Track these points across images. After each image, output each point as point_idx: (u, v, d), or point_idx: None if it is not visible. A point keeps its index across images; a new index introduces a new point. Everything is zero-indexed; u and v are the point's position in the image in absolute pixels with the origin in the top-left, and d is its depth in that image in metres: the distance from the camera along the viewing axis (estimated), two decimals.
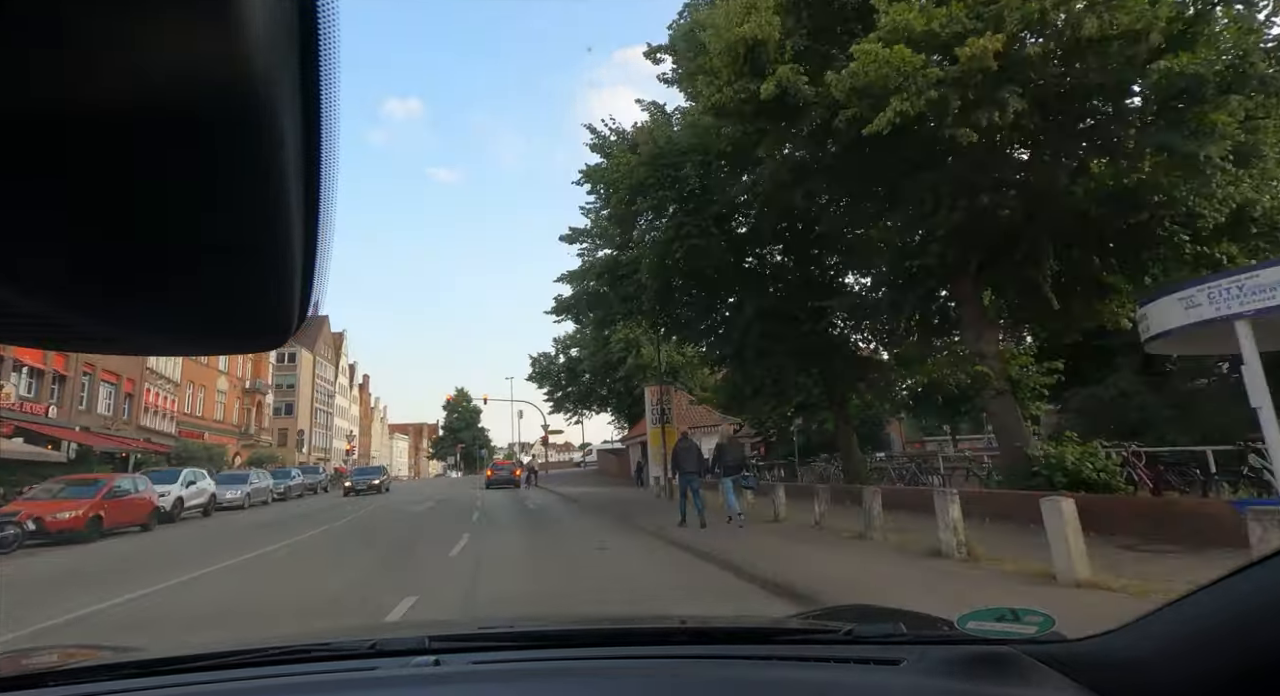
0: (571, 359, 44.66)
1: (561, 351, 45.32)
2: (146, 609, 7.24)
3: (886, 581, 6.68)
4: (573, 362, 44.44)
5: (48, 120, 0.33)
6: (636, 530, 13.27)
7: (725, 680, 1.24)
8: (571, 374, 44.13)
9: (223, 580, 9.01)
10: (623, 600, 6.69)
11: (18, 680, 1.35)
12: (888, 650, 1.26)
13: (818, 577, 6.79)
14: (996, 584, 6.23)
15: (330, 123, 0.41)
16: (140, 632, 5.94)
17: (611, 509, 18.16)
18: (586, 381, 44.09)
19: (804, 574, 7.01)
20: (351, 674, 1.31)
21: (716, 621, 2.04)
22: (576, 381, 44.28)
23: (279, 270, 0.48)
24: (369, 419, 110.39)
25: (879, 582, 6.62)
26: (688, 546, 10.13)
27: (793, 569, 7.33)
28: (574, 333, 44.47)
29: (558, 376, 44.93)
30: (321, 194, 0.45)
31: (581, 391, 43.62)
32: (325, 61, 0.38)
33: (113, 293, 0.47)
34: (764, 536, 10.60)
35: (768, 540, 10.07)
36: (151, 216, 0.40)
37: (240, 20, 0.30)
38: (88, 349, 0.62)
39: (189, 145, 0.36)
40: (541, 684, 1.25)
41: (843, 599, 5.33)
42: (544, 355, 45.35)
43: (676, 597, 6.84)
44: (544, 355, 45.35)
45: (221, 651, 1.42)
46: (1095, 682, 1.03)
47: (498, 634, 1.60)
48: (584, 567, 8.99)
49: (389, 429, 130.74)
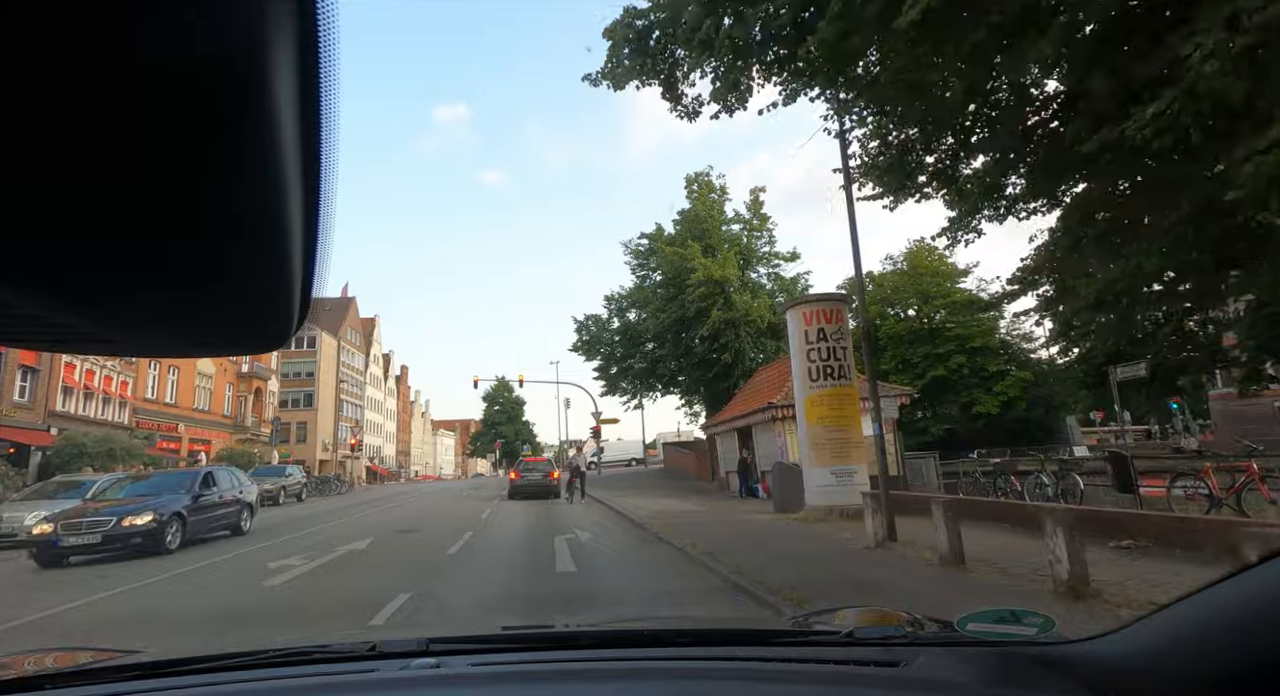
0: (629, 324, 33.87)
1: (615, 313, 34.57)
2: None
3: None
4: (631, 328, 33.63)
5: (46, 119, 0.32)
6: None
7: (726, 682, 1.24)
8: (630, 340, 33.29)
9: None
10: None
11: (18, 682, 1.36)
12: (888, 651, 1.26)
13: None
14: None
15: (330, 122, 0.41)
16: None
17: (787, 567, 7.19)
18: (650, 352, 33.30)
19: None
20: (351, 676, 1.31)
21: (717, 623, 2.32)
22: (636, 351, 33.48)
23: (278, 271, 0.47)
24: (408, 413, 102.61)
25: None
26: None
27: None
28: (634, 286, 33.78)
29: (611, 346, 34.19)
30: (321, 194, 0.45)
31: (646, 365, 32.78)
32: (325, 61, 0.38)
33: (112, 293, 0.47)
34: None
35: None
36: (151, 216, 0.40)
37: (240, 19, 0.30)
38: (87, 350, 0.63)
39: (188, 145, 0.36)
40: (541, 686, 1.26)
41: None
42: (593, 319, 34.61)
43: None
44: (593, 319, 34.61)
45: (221, 653, 1.42)
46: (1095, 683, 1.03)
47: (497, 636, 1.65)
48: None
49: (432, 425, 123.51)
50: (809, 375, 12.77)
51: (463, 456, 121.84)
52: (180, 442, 37.69)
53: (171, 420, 36.77)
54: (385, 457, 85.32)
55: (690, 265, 26.26)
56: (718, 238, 29.12)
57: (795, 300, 14.84)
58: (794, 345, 13.13)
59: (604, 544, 10.71)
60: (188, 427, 38.32)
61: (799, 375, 12.95)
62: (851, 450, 11.08)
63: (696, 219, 29.22)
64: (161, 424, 35.88)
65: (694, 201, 29.62)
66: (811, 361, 12.85)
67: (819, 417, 12.43)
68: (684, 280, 27.46)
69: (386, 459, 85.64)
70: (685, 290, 27.28)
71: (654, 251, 33.04)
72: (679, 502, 18.22)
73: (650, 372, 33.51)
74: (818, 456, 12.24)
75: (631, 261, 34.66)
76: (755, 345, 27.06)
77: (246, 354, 0.70)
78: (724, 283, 26.37)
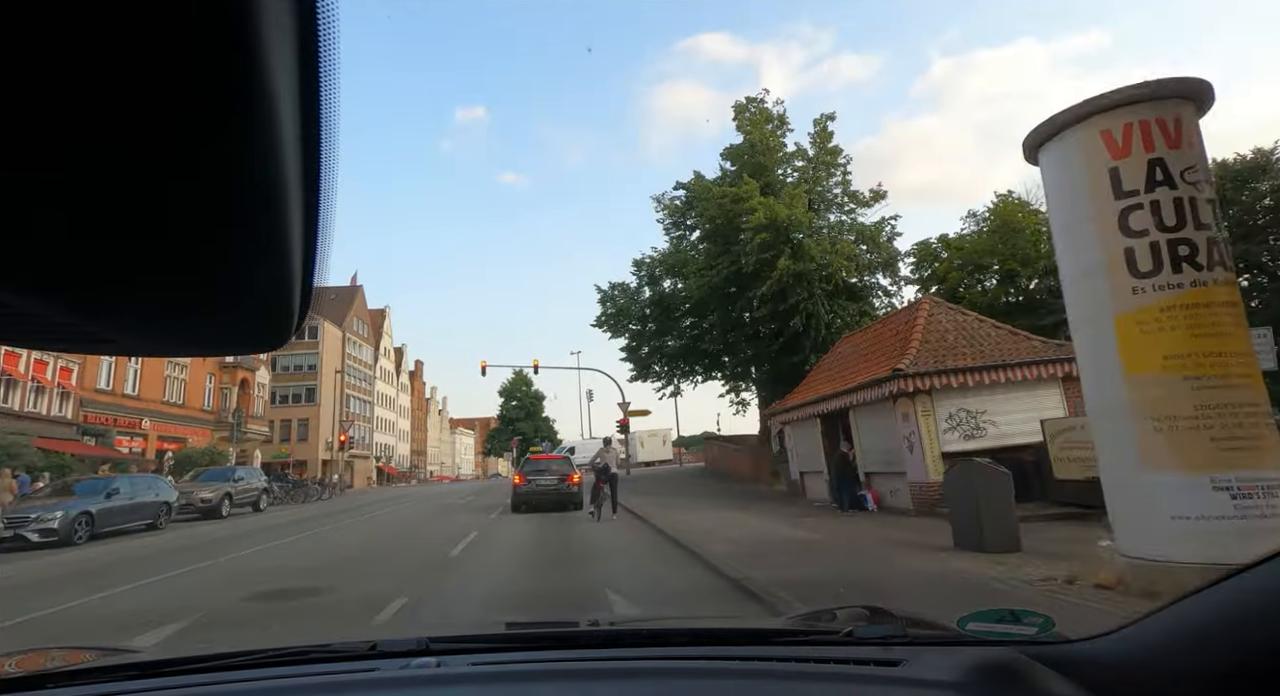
0: (663, 294, 27.93)
1: (646, 281, 28.64)
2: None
3: None
4: (665, 298, 27.69)
5: (47, 119, 0.32)
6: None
7: (725, 681, 1.23)
8: (664, 312, 27.35)
9: None
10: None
11: (18, 681, 1.34)
12: (888, 651, 1.24)
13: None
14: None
15: (330, 122, 0.41)
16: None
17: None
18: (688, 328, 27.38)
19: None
20: (351, 675, 1.29)
21: (716, 622, 2.20)
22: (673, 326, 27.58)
23: (279, 270, 0.47)
24: (423, 411, 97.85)
25: None
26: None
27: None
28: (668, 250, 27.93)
29: (642, 320, 28.28)
30: (321, 194, 0.45)
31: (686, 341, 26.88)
32: (325, 61, 0.38)
33: (112, 293, 0.47)
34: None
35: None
36: (151, 217, 0.40)
37: (239, 18, 0.30)
38: (87, 350, 0.62)
39: (188, 145, 0.36)
40: (541, 685, 1.25)
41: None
42: (619, 287, 28.69)
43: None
44: (619, 287, 28.69)
45: (220, 653, 1.40)
46: (1095, 683, 1.03)
47: (497, 635, 1.65)
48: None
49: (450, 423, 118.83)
50: (1130, 263, 5.27)
51: (481, 456, 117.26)
52: (146, 441, 32.66)
53: (132, 415, 31.69)
54: (399, 457, 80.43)
55: (748, 205, 20.19)
56: (775, 177, 23.02)
57: (1086, 106, 5.60)
58: (1074, 206, 5.65)
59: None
60: (155, 424, 33.23)
61: (1094, 268, 5.48)
62: (1261, 432, 4.64)
63: (751, 152, 23.08)
64: (119, 419, 30.82)
65: (746, 133, 23.42)
66: (1134, 231, 5.27)
67: (1167, 356, 5.01)
68: (736, 229, 21.46)
69: (400, 458, 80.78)
70: (737, 243, 21.24)
71: (692, 206, 27.11)
72: (755, 520, 12.29)
73: (690, 352, 27.57)
74: (1174, 448, 4.94)
75: (664, 219, 28.75)
76: (831, 308, 20.92)
77: (247, 353, 0.63)
78: (791, 226, 20.22)
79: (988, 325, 13.24)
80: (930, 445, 11.75)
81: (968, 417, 11.88)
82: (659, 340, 27.61)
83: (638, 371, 29.37)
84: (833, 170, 23.91)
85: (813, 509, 14.61)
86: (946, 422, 11.88)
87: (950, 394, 11.93)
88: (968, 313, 14.21)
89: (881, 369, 13.25)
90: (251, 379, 42.25)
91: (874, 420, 13.75)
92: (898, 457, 12.83)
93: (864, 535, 9.85)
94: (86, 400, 28.70)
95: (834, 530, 10.57)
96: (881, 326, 15.98)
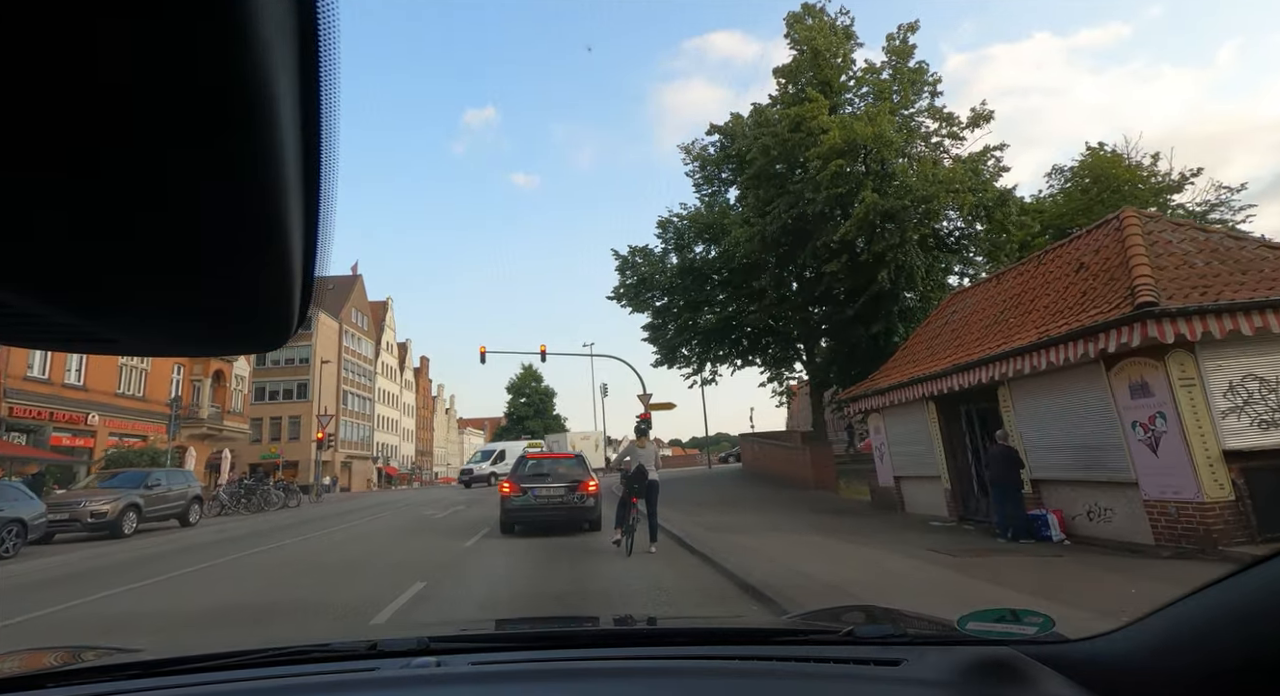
0: (692, 261, 23.06)
1: (673, 247, 23.78)
2: None
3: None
4: (694, 266, 22.82)
5: (47, 120, 0.32)
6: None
7: (725, 681, 1.22)
8: (695, 282, 22.48)
9: None
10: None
11: (18, 681, 1.32)
12: (888, 650, 1.24)
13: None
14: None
15: (330, 122, 0.41)
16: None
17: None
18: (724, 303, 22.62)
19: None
20: (351, 675, 1.29)
21: (717, 622, 2.15)
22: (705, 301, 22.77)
23: (278, 270, 0.47)
24: (429, 409, 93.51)
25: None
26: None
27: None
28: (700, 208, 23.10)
29: (668, 293, 23.41)
30: (321, 194, 0.45)
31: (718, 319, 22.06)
32: (325, 61, 0.38)
33: (112, 294, 0.47)
34: None
35: None
36: (151, 216, 0.40)
37: (239, 18, 0.30)
38: (88, 350, 0.62)
39: (187, 145, 0.36)
40: (541, 685, 1.24)
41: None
42: (640, 252, 23.81)
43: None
44: (640, 252, 23.81)
45: (221, 652, 1.39)
46: (1095, 683, 1.02)
47: (498, 635, 1.66)
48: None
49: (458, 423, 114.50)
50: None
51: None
52: (94, 438, 28.27)
53: (77, 408, 27.28)
54: (402, 457, 76.12)
55: (816, 123, 15.18)
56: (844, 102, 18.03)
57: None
58: None
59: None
60: (106, 418, 28.80)
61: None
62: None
63: (815, 65, 17.92)
64: (57, 412, 26.44)
65: (807, 42, 18.17)
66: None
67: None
68: (795, 165, 16.52)
69: (404, 459, 76.47)
70: (798, 181, 16.26)
71: (729, 156, 22.23)
72: (877, 554, 7.43)
73: (725, 330, 22.71)
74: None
75: (695, 173, 23.91)
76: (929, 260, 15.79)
77: (248, 352, 0.67)
78: (881, 148, 15.13)
79: (1254, 245, 8.22)
80: (1200, 436, 6.84)
81: (1265, 391, 6.95)
82: (689, 316, 22.72)
83: (662, 356, 24.52)
84: (918, 91, 18.75)
85: (941, 533, 9.72)
86: (1227, 398, 6.96)
87: (1230, 348, 7.03)
88: (1210, 228, 9.22)
89: (1065, 321, 8.35)
90: (228, 371, 37.75)
91: (1049, 399, 8.86)
92: (1108, 457, 7.94)
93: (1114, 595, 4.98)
94: (12, 390, 24.35)
95: (1044, 582, 5.71)
96: (1033, 267, 11.01)
